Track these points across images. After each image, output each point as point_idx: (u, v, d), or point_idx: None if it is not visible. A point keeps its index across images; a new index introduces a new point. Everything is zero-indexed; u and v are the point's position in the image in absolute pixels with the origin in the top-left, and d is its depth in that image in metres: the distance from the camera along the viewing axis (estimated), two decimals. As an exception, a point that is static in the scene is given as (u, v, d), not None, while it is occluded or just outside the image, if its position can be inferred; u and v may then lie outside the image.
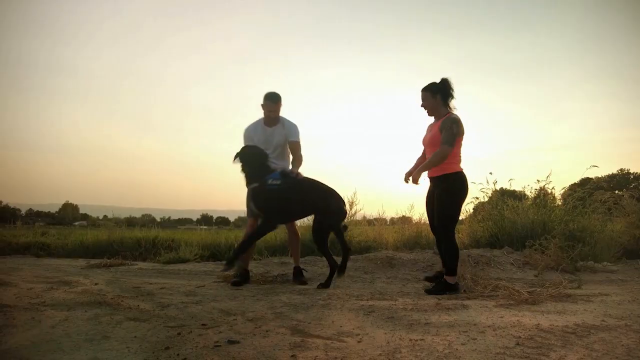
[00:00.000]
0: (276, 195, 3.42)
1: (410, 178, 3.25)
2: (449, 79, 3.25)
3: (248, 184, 3.60)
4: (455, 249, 3.16)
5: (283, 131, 3.90)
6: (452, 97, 3.25)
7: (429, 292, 3.16)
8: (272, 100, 3.80)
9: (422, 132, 3.50)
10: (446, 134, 3.07)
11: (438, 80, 3.27)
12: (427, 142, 3.34)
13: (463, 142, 3.21)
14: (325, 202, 3.48)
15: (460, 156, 3.21)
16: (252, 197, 3.55)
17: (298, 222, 4.60)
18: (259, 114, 3.91)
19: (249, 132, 3.93)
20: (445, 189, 3.15)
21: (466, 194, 3.21)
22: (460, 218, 5.79)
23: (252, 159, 3.58)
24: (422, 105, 3.33)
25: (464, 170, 3.20)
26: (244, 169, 3.60)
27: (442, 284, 3.17)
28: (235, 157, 3.64)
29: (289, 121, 3.93)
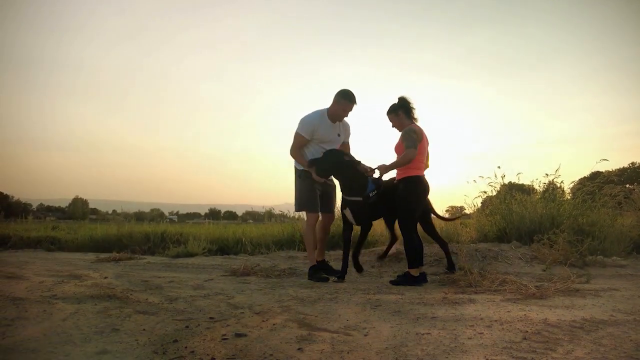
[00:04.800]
0: (374, 206, 3.58)
1: (377, 169, 3.50)
2: (406, 96, 3.59)
3: (348, 195, 3.57)
4: (414, 243, 3.39)
5: (343, 129, 3.86)
6: (413, 110, 3.58)
7: (393, 282, 3.39)
8: (349, 100, 3.68)
9: (425, 128, 3.70)
10: (407, 142, 3.41)
11: (398, 97, 3.59)
12: (395, 152, 3.63)
13: (426, 151, 3.55)
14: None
15: (421, 162, 3.49)
16: (354, 211, 3.57)
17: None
18: (264, 111, 3.90)
19: (313, 123, 3.69)
20: (404, 189, 3.44)
21: (424, 196, 3.54)
22: (468, 212, 5.74)
23: (348, 167, 3.52)
24: (392, 127, 3.65)
25: (424, 176, 3.53)
26: (341, 178, 3.58)
27: (407, 277, 3.35)
28: (326, 162, 3.50)
29: (345, 120, 3.88)
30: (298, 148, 3.72)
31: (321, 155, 3.57)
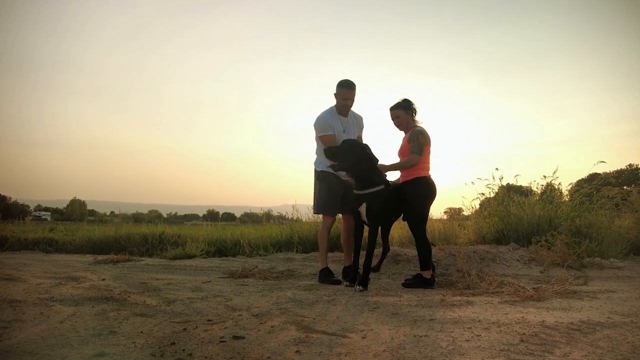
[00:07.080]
0: (387, 203, 3.36)
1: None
2: (410, 99, 3.57)
3: (365, 188, 3.31)
4: (427, 246, 3.37)
5: (355, 122, 3.73)
6: (416, 112, 3.58)
7: (405, 285, 3.37)
8: (347, 87, 3.55)
9: (424, 127, 3.62)
10: (413, 145, 3.36)
11: (402, 98, 3.55)
12: (399, 153, 3.60)
13: (431, 150, 3.48)
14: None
15: (428, 163, 3.47)
16: (370, 204, 3.28)
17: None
18: (265, 110, 3.82)
19: (328, 120, 3.58)
20: (412, 192, 3.40)
21: (433, 196, 3.47)
22: (466, 214, 5.75)
23: (369, 160, 3.31)
24: (395, 123, 3.58)
25: (431, 176, 3.48)
26: (359, 171, 3.30)
27: (419, 279, 3.34)
28: (347, 153, 3.27)
29: (356, 112, 3.77)
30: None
31: (340, 145, 3.36)
